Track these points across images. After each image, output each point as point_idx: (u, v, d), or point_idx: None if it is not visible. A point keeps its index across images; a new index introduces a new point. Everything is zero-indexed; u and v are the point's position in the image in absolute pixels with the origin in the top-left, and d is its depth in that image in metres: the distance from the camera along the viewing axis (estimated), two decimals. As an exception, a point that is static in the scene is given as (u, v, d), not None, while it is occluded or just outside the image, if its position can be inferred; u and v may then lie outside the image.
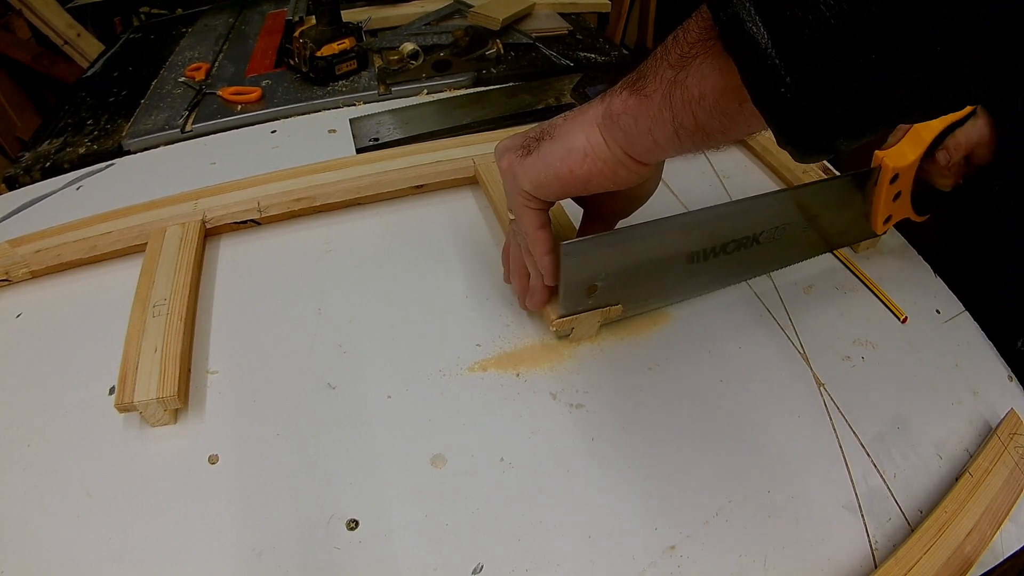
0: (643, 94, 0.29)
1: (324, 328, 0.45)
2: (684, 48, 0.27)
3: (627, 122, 0.30)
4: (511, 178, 0.36)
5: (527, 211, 0.37)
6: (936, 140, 0.46)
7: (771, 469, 0.38)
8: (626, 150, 0.32)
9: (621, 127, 0.31)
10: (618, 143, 0.32)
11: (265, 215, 0.52)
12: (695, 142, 0.29)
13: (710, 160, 0.62)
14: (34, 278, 0.48)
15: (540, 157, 0.34)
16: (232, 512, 0.35)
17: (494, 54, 0.82)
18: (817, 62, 0.22)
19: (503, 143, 0.37)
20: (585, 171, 0.33)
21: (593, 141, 0.32)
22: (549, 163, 0.34)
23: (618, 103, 0.31)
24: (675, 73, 0.27)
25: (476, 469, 0.37)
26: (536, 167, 0.34)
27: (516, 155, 0.35)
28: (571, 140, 0.33)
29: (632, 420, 0.40)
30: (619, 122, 0.31)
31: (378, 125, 0.67)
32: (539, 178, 0.35)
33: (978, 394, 0.43)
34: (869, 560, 0.34)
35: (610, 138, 0.32)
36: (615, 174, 0.33)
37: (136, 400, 0.37)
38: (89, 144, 0.70)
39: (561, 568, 0.33)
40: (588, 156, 0.33)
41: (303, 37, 0.76)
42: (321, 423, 0.39)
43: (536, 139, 0.35)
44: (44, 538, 0.34)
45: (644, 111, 0.29)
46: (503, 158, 0.37)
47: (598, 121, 0.32)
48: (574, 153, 0.33)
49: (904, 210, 0.49)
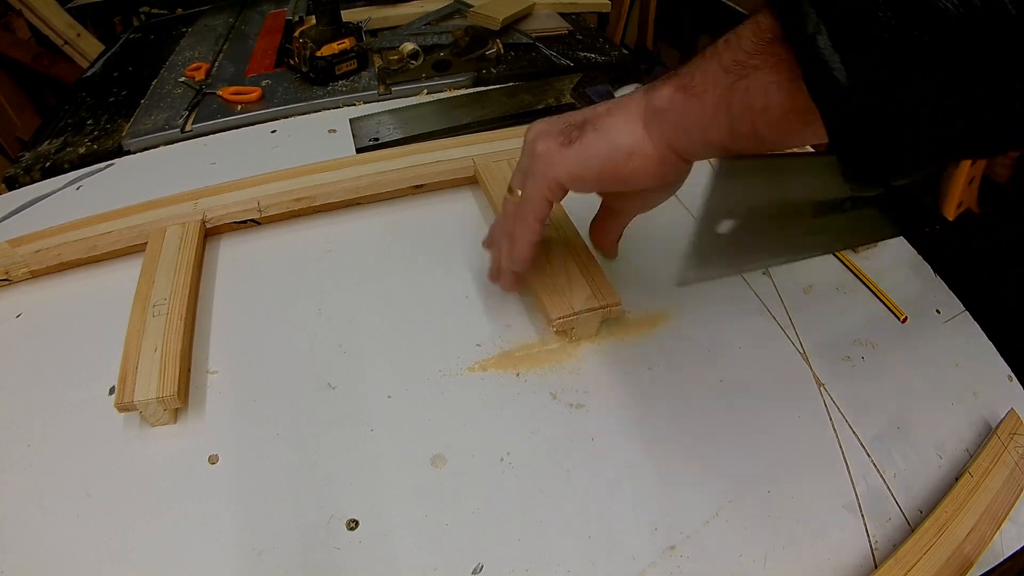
0: (691, 93, 0.29)
1: (324, 328, 0.45)
2: (740, 56, 0.27)
3: (674, 117, 0.30)
4: (545, 164, 0.34)
5: (543, 201, 0.36)
6: None
7: (771, 469, 0.38)
8: (672, 145, 0.31)
9: (668, 122, 0.31)
10: (665, 138, 0.31)
11: (265, 215, 0.52)
12: (746, 146, 0.29)
13: (709, 160, 0.62)
14: (34, 278, 0.48)
15: (583, 150, 0.33)
16: (232, 512, 0.35)
17: (494, 54, 0.82)
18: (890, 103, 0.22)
19: (540, 125, 0.36)
20: (630, 170, 0.32)
21: (638, 137, 0.32)
22: (591, 157, 0.33)
23: (663, 98, 0.30)
24: (732, 80, 0.27)
25: (476, 469, 0.37)
26: (577, 160, 0.33)
27: (556, 142, 0.34)
28: (616, 135, 0.32)
29: (632, 420, 0.40)
30: (665, 117, 0.31)
31: (378, 125, 0.67)
32: (578, 171, 0.34)
33: (978, 394, 0.43)
34: (869, 560, 0.34)
35: (656, 133, 0.31)
36: (660, 172, 0.32)
37: (136, 400, 0.37)
38: (89, 144, 0.70)
39: (561, 568, 0.33)
40: (634, 155, 0.32)
41: (303, 37, 0.76)
42: (321, 423, 0.39)
43: (578, 127, 0.33)
44: (44, 538, 0.34)
45: (694, 109, 0.29)
46: (540, 141, 0.35)
47: (641, 117, 0.32)
48: (620, 151, 0.32)
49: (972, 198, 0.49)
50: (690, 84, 0.29)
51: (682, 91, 0.30)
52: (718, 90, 0.28)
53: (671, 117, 0.30)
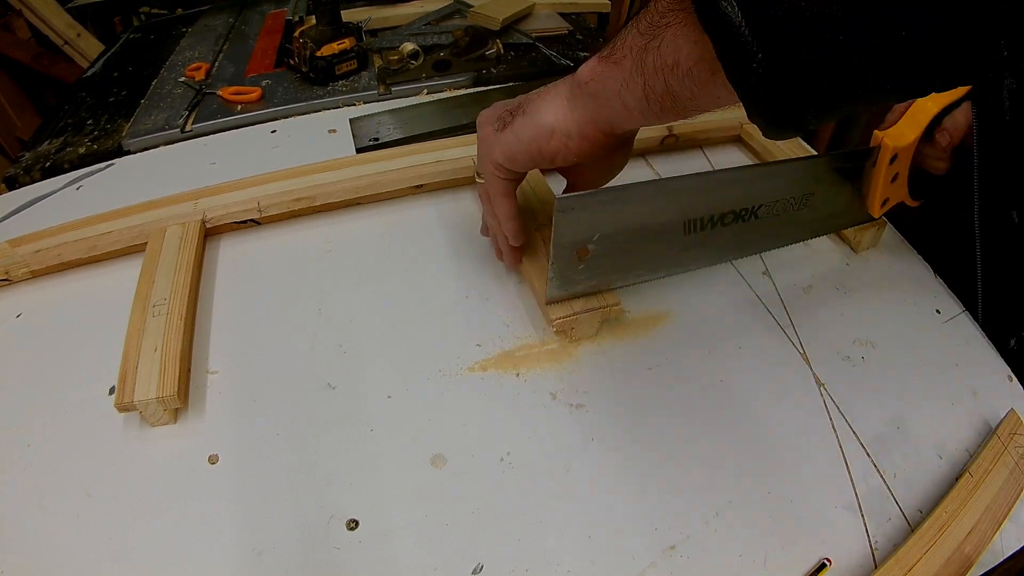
0: (611, 60, 0.31)
1: (324, 328, 0.45)
2: (654, 17, 0.28)
3: (595, 88, 0.32)
4: (486, 148, 0.38)
5: (496, 180, 0.39)
6: (932, 122, 0.46)
7: (771, 469, 0.38)
8: (594, 118, 0.33)
9: (590, 93, 0.33)
10: (587, 112, 0.33)
11: (265, 215, 0.52)
12: (664, 108, 0.30)
13: (710, 160, 0.62)
14: (34, 278, 0.48)
15: (513, 133, 0.36)
16: (232, 512, 0.35)
17: (494, 54, 0.82)
18: (787, 39, 0.23)
19: (485, 112, 0.39)
20: (552, 148, 0.35)
21: (560, 116, 0.34)
22: (520, 139, 0.36)
23: (586, 71, 0.32)
24: (646, 41, 0.29)
25: (476, 469, 0.37)
26: (509, 142, 0.37)
27: (493, 128, 0.38)
28: (541, 116, 0.35)
29: (632, 420, 0.40)
30: (587, 89, 0.33)
31: (378, 125, 0.67)
32: (510, 152, 0.37)
33: (978, 394, 0.43)
34: (869, 560, 0.34)
35: (579, 108, 0.34)
36: (581, 148, 0.35)
37: (136, 400, 0.37)
38: (89, 144, 0.70)
39: (561, 568, 0.33)
40: (556, 133, 0.35)
41: (303, 37, 0.76)
42: (321, 423, 0.39)
43: (512, 113, 0.37)
44: (44, 538, 0.34)
45: (613, 75, 0.31)
46: (482, 127, 0.39)
47: (566, 94, 0.34)
48: (543, 130, 0.35)
49: (901, 193, 0.49)
50: (611, 54, 0.31)
51: (604, 61, 0.31)
52: (634, 53, 0.29)
53: (592, 88, 0.32)
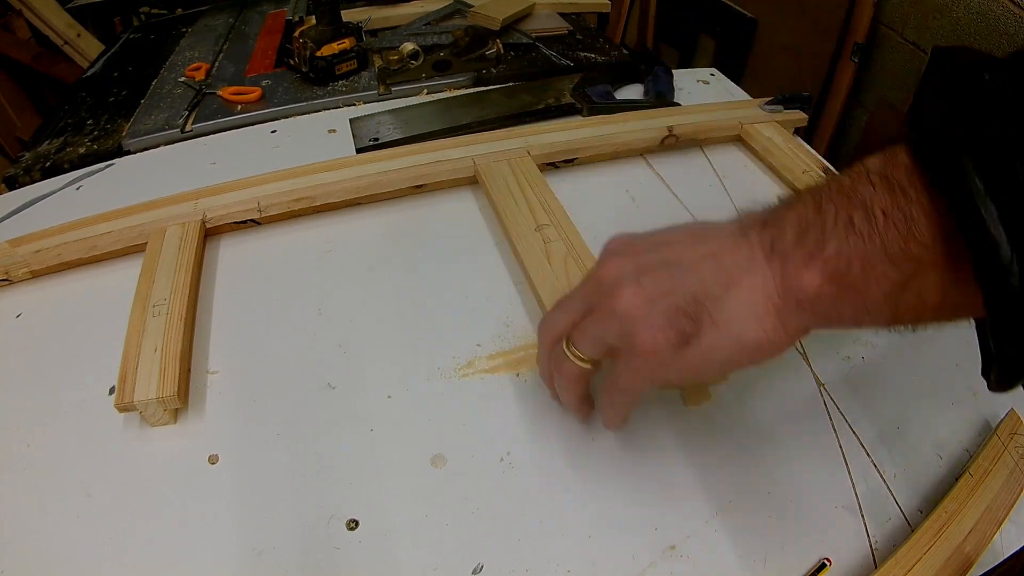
0: (847, 285, 0.25)
1: (324, 328, 0.45)
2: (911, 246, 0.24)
3: (825, 308, 0.26)
4: (653, 366, 0.29)
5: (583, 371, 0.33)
6: None
7: (771, 469, 0.38)
8: (810, 328, 0.28)
9: (818, 314, 0.27)
10: (804, 326, 0.28)
11: (265, 215, 0.52)
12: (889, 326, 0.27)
13: (710, 159, 0.62)
14: (34, 278, 0.48)
15: (701, 351, 0.28)
16: (232, 512, 0.35)
17: (494, 54, 0.82)
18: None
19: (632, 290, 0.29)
20: (754, 362, 0.29)
21: (770, 330, 0.27)
22: (712, 360, 0.28)
23: (810, 289, 0.26)
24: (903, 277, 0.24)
25: (476, 469, 0.37)
26: (694, 365, 0.28)
27: (664, 336, 0.28)
28: (742, 331, 0.28)
29: (632, 420, 0.40)
30: (814, 309, 0.27)
31: (378, 125, 0.67)
32: (695, 375, 0.30)
33: (978, 394, 0.43)
34: (869, 560, 0.34)
35: (795, 323, 0.28)
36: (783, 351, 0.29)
37: (136, 400, 0.37)
38: (89, 144, 0.70)
39: (561, 568, 0.33)
40: (763, 349, 0.28)
41: (303, 37, 0.76)
42: (321, 423, 0.39)
43: (693, 320, 0.28)
44: (44, 538, 0.34)
45: (853, 303, 0.26)
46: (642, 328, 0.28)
47: (776, 306, 0.27)
48: (747, 350, 0.28)
49: None
50: (846, 273, 0.25)
51: (835, 282, 0.25)
52: (884, 287, 0.24)
53: (821, 310, 0.27)
